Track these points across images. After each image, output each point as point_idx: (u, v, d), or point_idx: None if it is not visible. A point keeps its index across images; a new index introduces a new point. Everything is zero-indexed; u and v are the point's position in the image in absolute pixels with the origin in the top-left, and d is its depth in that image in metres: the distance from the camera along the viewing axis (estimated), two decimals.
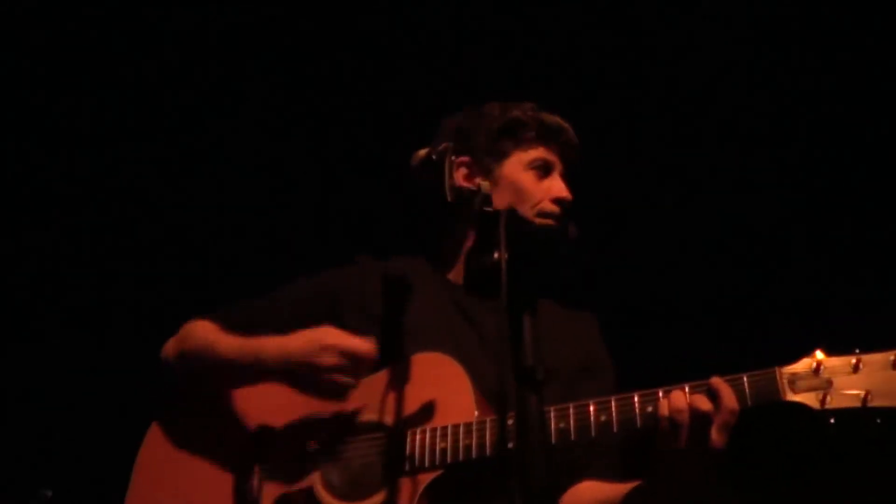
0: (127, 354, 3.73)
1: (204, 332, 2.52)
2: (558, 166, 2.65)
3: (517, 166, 2.62)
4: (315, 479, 2.30)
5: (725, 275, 3.92)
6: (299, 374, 2.30)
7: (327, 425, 2.34)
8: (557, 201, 2.60)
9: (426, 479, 2.20)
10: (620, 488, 2.31)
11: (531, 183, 2.61)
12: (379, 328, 2.45)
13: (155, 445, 2.54)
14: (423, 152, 2.13)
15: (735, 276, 3.94)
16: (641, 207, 4.01)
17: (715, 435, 2.05)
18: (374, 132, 4.14)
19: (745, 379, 2.07)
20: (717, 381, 2.09)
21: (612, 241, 3.83)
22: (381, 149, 3.95)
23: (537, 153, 2.63)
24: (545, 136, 2.64)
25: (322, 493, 2.28)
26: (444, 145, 2.12)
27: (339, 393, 2.28)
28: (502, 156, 2.63)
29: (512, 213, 1.97)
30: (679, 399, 2.08)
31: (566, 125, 2.68)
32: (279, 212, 4.23)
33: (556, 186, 2.62)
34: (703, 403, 2.06)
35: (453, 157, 2.13)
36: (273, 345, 2.36)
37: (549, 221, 2.56)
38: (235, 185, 4.26)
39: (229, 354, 2.42)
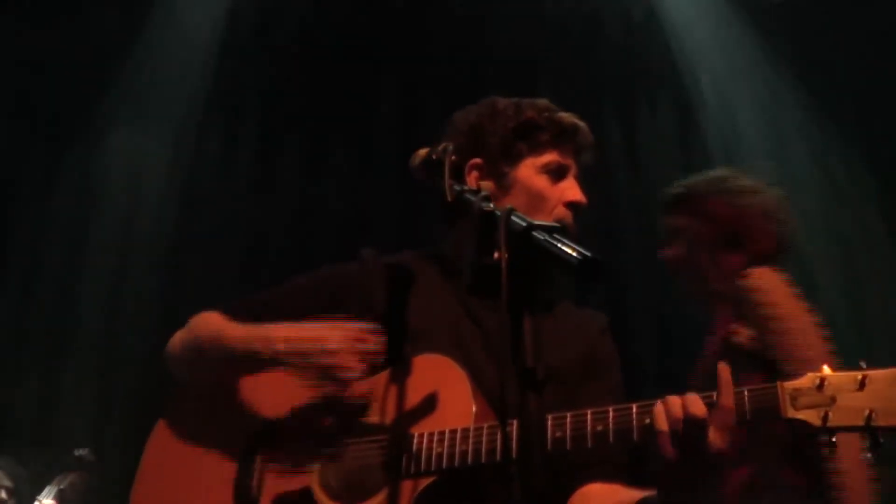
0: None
1: (212, 321, 2.52)
2: (572, 168, 2.58)
3: (531, 170, 2.54)
4: (312, 480, 2.29)
5: None
6: (306, 358, 2.27)
7: (331, 416, 2.32)
8: (570, 205, 2.54)
9: (422, 483, 2.18)
10: (632, 495, 2.25)
11: (545, 188, 2.53)
12: (382, 326, 2.42)
13: (160, 442, 2.54)
14: (423, 152, 2.13)
15: None
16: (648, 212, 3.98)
17: (713, 436, 1.96)
18: (373, 132, 4.14)
19: (745, 393, 2.00)
20: (722, 367, 2.00)
21: (619, 247, 3.80)
22: (381, 148, 3.94)
23: (551, 157, 2.55)
24: (560, 138, 2.57)
25: (319, 493, 2.27)
26: (443, 145, 2.11)
27: (345, 377, 2.24)
28: (516, 159, 2.55)
29: (511, 212, 1.94)
30: (673, 403, 2.00)
31: (581, 124, 2.60)
32: (280, 211, 4.24)
33: (570, 191, 2.54)
34: (698, 407, 1.98)
35: (452, 157, 2.10)
36: (282, 329, 2.35)
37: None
38: (238, 185, 4.27)
39: (239, 340, 2.41)
